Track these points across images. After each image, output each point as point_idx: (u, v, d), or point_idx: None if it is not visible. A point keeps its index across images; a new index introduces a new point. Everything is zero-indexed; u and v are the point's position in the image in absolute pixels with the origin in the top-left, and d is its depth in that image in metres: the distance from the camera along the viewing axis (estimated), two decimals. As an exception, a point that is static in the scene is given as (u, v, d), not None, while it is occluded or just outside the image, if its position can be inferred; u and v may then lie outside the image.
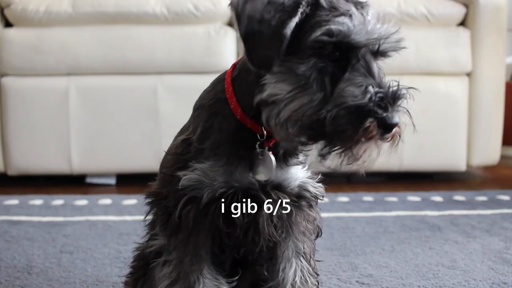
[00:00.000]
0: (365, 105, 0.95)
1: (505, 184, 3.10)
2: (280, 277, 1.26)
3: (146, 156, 2.95)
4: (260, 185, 1.15)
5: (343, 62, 0.98)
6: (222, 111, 1.13)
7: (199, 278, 1.18)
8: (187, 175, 1.13)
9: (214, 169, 1.12)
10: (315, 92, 0.97)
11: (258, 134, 1.12)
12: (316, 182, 1.23)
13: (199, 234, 1.18)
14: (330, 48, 0.97)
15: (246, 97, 1.10)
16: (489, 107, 3.09)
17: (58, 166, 2.96)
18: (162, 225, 1.20)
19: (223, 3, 2.98)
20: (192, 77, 2.95)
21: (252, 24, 0.98)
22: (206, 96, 1.18)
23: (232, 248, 1.22)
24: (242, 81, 1.12)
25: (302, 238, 1.27)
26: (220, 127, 1.13)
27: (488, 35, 3.03)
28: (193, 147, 1.15)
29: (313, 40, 0.97)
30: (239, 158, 1.13)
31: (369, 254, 1.93)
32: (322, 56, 0.98)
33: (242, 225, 1.16)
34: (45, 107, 2.92)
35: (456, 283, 1.67)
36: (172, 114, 2.93)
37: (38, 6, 2.92)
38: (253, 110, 1.10)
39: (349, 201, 2.62)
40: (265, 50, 0.97)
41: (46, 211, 2.47)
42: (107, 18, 2.94)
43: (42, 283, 1.68)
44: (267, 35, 0.97)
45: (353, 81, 0.97)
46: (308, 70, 0.98)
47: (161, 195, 1.20)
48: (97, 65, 2.92)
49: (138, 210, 2.47)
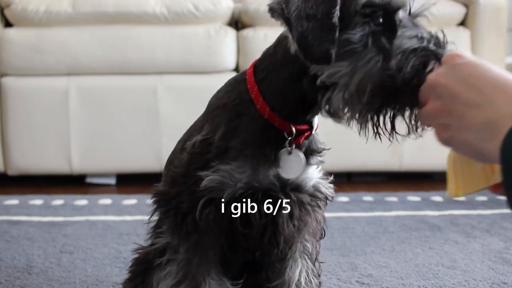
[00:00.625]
0: (426, 46, 0.98)
1: (505, 184, 3.09)
2: (286, 277, 1.26)
3: (146, 156, 2.95)
4: (281, 186, 1.15)
5: (388, 24, 1.00)
6: (248, 111, 1.12)
7: (205, 279, 1.18)
8: (210, 176, 1.11)
9: (240, 170, 1.11)
10: (375, 55, 0.99)
11: (285, 133, 1.12)
12: (328, 183, 1.24)
13: (212, 235, 1.17)
14: (378, 12, 0.99)
15: (280, 94, 1.10)
16: (489, 107, 3.09)
17: (58, 166, 2.96)
18: (175, 225, 1.18)
19: (223, 3, 2.98)
20: (192, 77, 2.95)
21: (301, 24, 0.99)
22: (226, 96, 1.16)
23: (247, 250, 1.22)
24: (271, 81, 1.12)
25: (310, 238, 1.27)
26: (247, 127, 1.12)
27: (488, 35, 3.03)
28: (214, 147, 1.13)
29: (363, 5, 0.98)
30: (264, 158, 1.12)
31: (369, 254, 1.93)
32: (370, 22, 0.99)
33: (259, 226, 1.15)
34: (45, 107, 2.92)
35: (456, 283, 1.67)
36: (172, 114, 2.93)
37: (38, 6, 2.92)
38: (290, 107, 1.10)
39: (349, 201, 2.62)
40: (320, 44, 0.98)
41: (46, 211, 2.47)
42: (107, 18, 2.94)
43: (42, 283, 1.68)
44: (318, 29, 0.98)
45: (406, 35, 0.99)
46: (362, 38, 0.99)
47: (170, 195, 1.18)
48: (97, 65, 2.92)
49: (138, 210, 2.47)
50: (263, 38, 2.87)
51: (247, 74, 1.15)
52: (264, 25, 2.93)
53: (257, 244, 1.19)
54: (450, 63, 0.89)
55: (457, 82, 0.86)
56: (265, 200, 1.13)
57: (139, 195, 2.72)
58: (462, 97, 0.84)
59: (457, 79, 0.86)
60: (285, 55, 1.09)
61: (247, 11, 2.98)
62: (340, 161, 2.87)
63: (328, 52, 0.98)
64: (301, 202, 1.19)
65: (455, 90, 0.86)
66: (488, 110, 0.81)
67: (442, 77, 0.88)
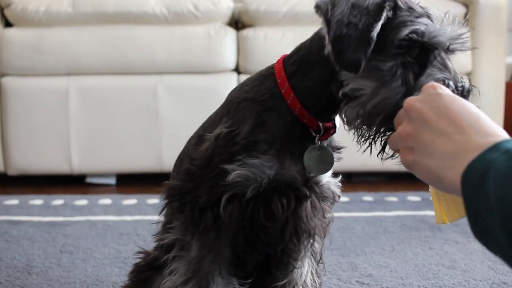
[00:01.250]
0: None
1: (505, 184, 3.10)
2: (295, 275, 1.26)
3: (146, 156, 2.95)
4: (302, 180, 1.15)
5: (422, 59, 1.03)
6: (278, 106, 1.12)
7: (214, 278, 1.16)
8: (236, 170, 1.10)
9: (269, 164, 1.11)
10: (399, 86, 1.01)
11: (312, 130, 1.13)
12: (338, 182, 1.25)
13: (231, 232, 1.15)
14: (416, 47, 1.01)
15: (311, 92, 1.11)
16: (489, 107, 3.09)
17: (58, 166, 2.96)
18: (190, 221, 1.15)
19: (223, 3, 2.98)
20: (192, 77, 2.95)
21: (340, 28, 1.01)
22: (254, 90, 1.15)
23: (268, 245, 1.20)
24: (304, 76, 1.12)
25: (317, 238, 1.27)
26: (277, 122, 1.12)
27: (488, 35, 3.03)
28: (241, 139, 1.11)
29: (401, 38, 1.00)
30: (290, 153, 1.13)
31: (369, 254, 1.93)
32: (405, 54, 1.01)
33: (282, 219, 1.14)
34: (45, 107, 2.92)
35: (456, 283, 1.67)
36: (172, 114, 2.93)
37: (38, 6, 2.92)
38: (319, 105, 1.11)
39: (349, 201, 2.62)
40: (353, 52, 1.00)
41: (46, 211, 2.47)
42: (107, 18, 2.94)
43: (42, 283, 1.68)
44: (355, 38, 1.01)
45: (434, 76, 1.02)
46: (392, 67, 1.01)
47: (185, 189, 1.15)
48: (97, 65, 2.92)
49: (138, 210, 2.47)
50: (263, 38, 2.87)
51: (275, 69, 1.15)
52: (264, 25, 2.93)
53: (278, 238, 1.18)
54: (428, 92, 0.90)
55: (431, 109, 0.87)
56: (287, 193, 1.13)
57: (139, 195, 2.72)
58: (433, 124, 0.86)
59: (432, 106, 0.88)
60: (320, 51, 1.09)
61: (247, 11, 2.98)
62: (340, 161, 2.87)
63: (359, 62, 1.00)
64: (325, 197, 1.21)
65: (428, 116, 0.87)
66: (456, 141, 0.82)
67: (418, 102, 0.90)
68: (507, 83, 3.32)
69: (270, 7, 2.93)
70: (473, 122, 0.83)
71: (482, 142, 0.79)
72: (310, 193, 1.16)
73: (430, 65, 1.02)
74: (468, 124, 0.83)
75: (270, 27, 2.90)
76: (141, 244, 1.75)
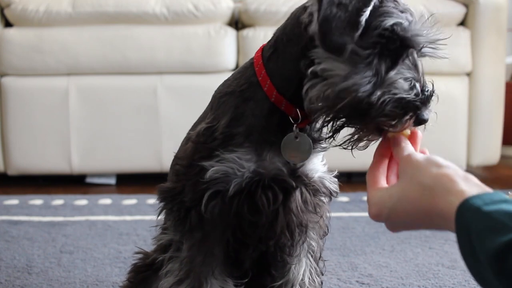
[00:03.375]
0: (413, 100, 1.00)
1: (505, 184, 3.10)
2: (291, 276, 1.25)
3: (146, 156, 2.95)
4: (288, 171, 1.13)
5: (395, 53, 1.01)
6: (255, 95, 1.11)
7: (207, 279, 1.16)
8: (214, 166, 1.09)
9: (247, 156, 1.09)
10: (371, 76, 0.99)
11: (290, 117, 1.11)
12: (333, 177, 1.22)
13: (217, 230, 1.14)
14: (397, 40, 1.00)
15: (285, 75, 1.09)
16: (489, 107, 3.09)
17: (58, 166, 2.96)
18: (177, 220, 1.15)
19: (223, 3, 2.98)
20: (192, 77, 2.95)
21: (331, 8, 0.99)
22: (235, 83, 1.14)
23: (259, 241, 1.18)
24: (279, 58, 1.10)
25: (315, 237, 1.26)
26: (253, 112, 1.10)
27: (488, 35, 3.03)
28: (219, 134, 1.10)
29: (385, 28, 0.99)
30: (269, 144, 1.11)
31: (369, 254, 1.93)
32: (384, 45, 1.00)
33: (268, 213, 1.13)
34: (45, 107, 2.93)
35: (456, 283, 1.67)
36: (172, 114, 2.93)
37: (38, 6, 2.92)
38: (292, 88, 1.08)
39: (349, 201, 2.62)
40: (340, 35, 0.98)
41: (46, 211, 2.47)
42: (107, 18, 2.95)
43: (42, 283, 1.68)
44: (344, 20, 0.99)
45: (403, 74, 1.01)
46: (369, 55, 1.00)
47: (175, 191, 1.15)
48: (97, 65, 2.92)
49: (138, 210, 2.47)
50: (263, 38, 2.87)
51: (255, 57, 1.14)
52: (264, 25, 2.94)
53: (268, 232, 1.16)
54: (429, 160, 0.93)
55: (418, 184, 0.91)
56: (273, 185, 1.11)
57: (139, 195, 2.72)
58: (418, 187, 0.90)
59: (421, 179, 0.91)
60: (294, 28, 1.08)
61: (247, 11, 2.98)
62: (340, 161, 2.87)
63: (344, 46, 0.98)
64: (315, 189, 1.18)
65: (410, 192, 0.92)
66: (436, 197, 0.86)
67: (416, 157, 0.95)
68: (507, 83, 3.33)
69: (270, 7, 2.94)
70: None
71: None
72: (297, 184, 1.14)
73: (402, 62, 1.01)
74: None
75: (270, 27, 2.89)
76: (141, 244, 1.75)
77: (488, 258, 0.75)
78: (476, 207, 0.79)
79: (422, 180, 0.90)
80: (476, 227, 0.77)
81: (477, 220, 0.78)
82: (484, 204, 0.79)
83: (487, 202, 0.79)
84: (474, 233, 0.77)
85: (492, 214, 0.77)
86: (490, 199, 0.80)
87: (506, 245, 0.74)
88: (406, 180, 0.93)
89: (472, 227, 0.78)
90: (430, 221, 0.88)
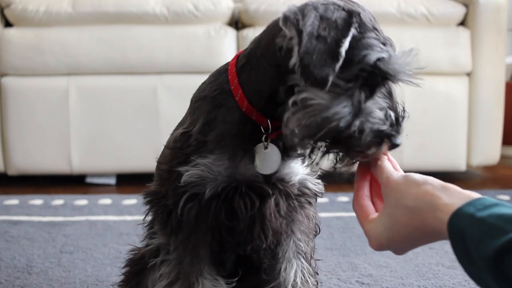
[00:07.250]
0: (388, 131, 1.02)
1: (505, 184, 3.10)
2: (281, 278, 1.25)
3: (146, 156, 2.94)
4: (264, 178, 1.14)
5: (373, 83, 1.02)
6: (227, 102, 1.12)
7: (198, 279, 1.17)
8: (189, 170, 1.11)
9: (218, 163, 1.11)
10: (350, 106, 1.00)
11: (262, 127, 1.11)
12: (316, 178, 1.23)
13: (199, 232, 1.16)
14: (379, 75, 1.01)
15: (256, 88, 1.10)
16: (489, 107, 3.09)
17: (58, 166, 2.96)
18: (162, 224, 1.18)
19: (223, 3, 2.98)
20: (192, 77, 2.94)
21: (311, 41, 0.98)
22: (208, 88, 1.16)
23: (237, 246, 1.20)
24: (251, 71, 1.11)
25: (302, 237, 1.26)
26: (224, 119, 1.11)
27: (488, 35, 3.03)
28: (193, 140, 1.13)
29: (370, 64, 0.99)
30: (243, 151, 1.12)
31: (369, 254, 1.93)
32: (366, 79, 1.00)
33: (246, 219, 1.14)
34: (45, 107, 2.93)
35: (456, 283, 1.67)
36: (172, 114, 2.93)
37: (38, 6, 2.92)
38: (262, 101, 1.09)
39: (349, 201, 2.61)
40: (321, 67, 0.98)
41: (46, 211, 2.47)
42: (107, 18, 2.94)
43: (42, 283, 1.68)
44: (324, 52, 0.98)
45: (379, 104, 1.02)
46: (351, 88, 1.00)
47: (160, 194, 1.18)
48: (97, 65, 2.92)
49: (138, 210, 2.47)
50: (263, 38, 2.87)
51: (230, 64, 1.15)
52: (264, 25, 2.89)
53: (246, 238, 1.18)
54: (407, 180, 0.98)
55: (404, 207, 0.95)
56: (249, 192, 1.13)
57: (139, 195, 2.70)
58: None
59: (405, 202, 0.95)
60: (269, 45, 1.09)
61: (247, 11, 2.98)
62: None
63: (327, 77, 0.97)
64: (288, 194, 1.18)
65: (398, 212, 0.97)
66: (424, 216, 0.91)
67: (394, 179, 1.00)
68: (507, 83, 3.33)
69: (270, 7, 2.93)
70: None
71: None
72: (273, 191, 1.15)
73: (378, 90, 1.02)
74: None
75: (270, 27, 2.90)
76: (141, 244, 1.74)
77: (485, 262, 0.76)
78: (470, 214, 0.81)
79: (405, 203, 0.94)
80: (471, 234, 0.80)
81: (472, 226, 0.80)
82: (477, 210, 0.81)
83: (480, 208, 0.81)
84: (469, 240, 0.79)
85: (486, 219, 0.79)
86: (481, 204, 0.82)
87: (502, 247, 0.75)
88: (391, 206, 0.98)
89: (467, 234, 0.80)
90: (427, 237, 0.93)
